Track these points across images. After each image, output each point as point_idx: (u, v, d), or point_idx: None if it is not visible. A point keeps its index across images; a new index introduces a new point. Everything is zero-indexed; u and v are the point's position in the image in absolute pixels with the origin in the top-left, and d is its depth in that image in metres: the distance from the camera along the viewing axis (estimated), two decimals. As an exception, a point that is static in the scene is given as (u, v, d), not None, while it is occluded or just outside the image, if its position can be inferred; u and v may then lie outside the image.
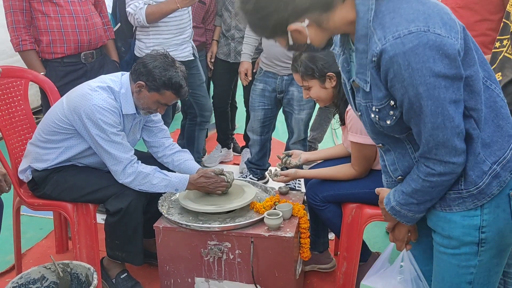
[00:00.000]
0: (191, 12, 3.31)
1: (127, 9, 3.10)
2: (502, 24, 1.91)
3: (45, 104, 2.79)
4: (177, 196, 2.46)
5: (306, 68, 2.22)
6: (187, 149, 2.67)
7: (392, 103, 1.24)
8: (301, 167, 2.63)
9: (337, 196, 2.32)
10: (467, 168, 1.28)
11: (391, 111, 1.25)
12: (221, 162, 4.07)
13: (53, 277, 2.03)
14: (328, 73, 2.20)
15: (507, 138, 1.29)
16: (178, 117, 4.43)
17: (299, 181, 3.38)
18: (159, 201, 2.38)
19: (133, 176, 2.27)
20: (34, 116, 2.68)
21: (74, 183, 2.32)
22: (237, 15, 3.57)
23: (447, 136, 1.20)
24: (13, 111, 2.52)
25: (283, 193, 2.50)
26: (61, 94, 2.58)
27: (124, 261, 2.40)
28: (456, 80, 1.17)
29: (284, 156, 2.54)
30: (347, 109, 2.22)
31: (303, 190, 2.82)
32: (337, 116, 2.39)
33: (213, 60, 3.79)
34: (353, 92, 1.38)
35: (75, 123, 2.27)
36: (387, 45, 1.15)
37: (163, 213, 2.29)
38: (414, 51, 1.13)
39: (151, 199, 2.39)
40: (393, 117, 1.26)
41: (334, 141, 4.60)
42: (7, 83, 2.52)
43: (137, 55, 3.21)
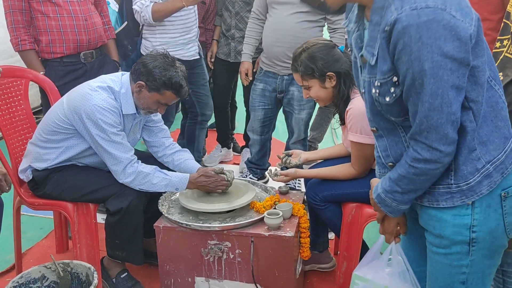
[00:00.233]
0: (197, 11, 3.31)
1: (133, 7, 3.11)
2: (502, 24, 1.92)
3: (45, 104, 2.79)
4: (177, 195, 2.47)
5: (306, 68, 2.22)
6: (187, 149, 2.68)
7: (395, 79, 1.24)
8: (301, 166, 2.64)
9: (337, 195, 2.32)
10: (459, 162, 1.28)
11: (392, 88, 1.25)
12: (221, 162, 4.07)
13: (53, 276, 2.03)
14: (328, 73, 2.20)
15: (503, 140, 1.29)
16: (178, 116, 4.43)
17: (299, 180, 3.38)
18: (159, 200, 2.38)
19: (133, 176, 2.27)
20: (34, 116, 2.68)
21: (74, 183, 2.32)
22: (237, 15, 3.57)
23: (441, 121, 1.20)
24: (14, 110, 2.52)
25: (283, 193, 2.50)
26: (60, 94, 2.58)
27: (124, 260, 2.40)
28: (463, 65, 1.17)
29: (284, 156, 2.54)
30: (347, 108, 2.23)
31: (303, 189, 2.83)
32: (337, 116, 2.40)
33: (213, 60, 3.79)
34: (361, 71, 1.38)
35: (75, 123, 2.27)
36: (402, 14, 1.15)
37: (163, 212, 2.29)
38: (427, 25, 1.13)
39: (151, 198, 2.39)
40: (393, 94, 1.26)
41: (334, 140, 4.60)
42: (8, 82, 2.52)
43: (143, 54, 3.22)
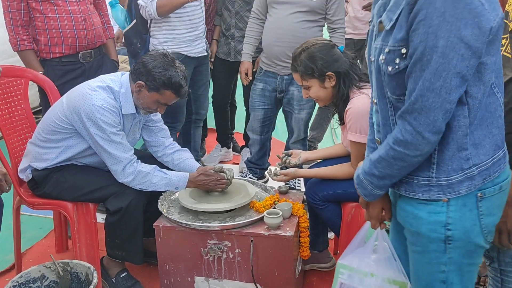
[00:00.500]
0: (203, 8, 3.31)
1: (138, 1, 3.12)
2: (502, 23, 1.91)
3: (45, 104, 2.79)
4: (177, 195, 2.47)
5: (306, 68, 2.23)
6: (187, 148, 2.68)
7: (403, 50, 1.22)
8: (300, 166, 2.64)
9: (337, 195, 2.33)
10: (445, 156, 1.27)
11: (397, 59, 1.24)
12: (220, 162, 4.06)
13: (53, 276, 2.03)
14: (328, 73, 2.20)
15: (495, 147, 1.29)
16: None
17: (298, 180, 3.38)
18: (159, 200, 2.38)
19: (133, 176, 2.27)
20: (34, 116, 2.68)
21: (74, 183, 2.33)
22: (237, 14, 3.57)
23: (435, 104, 1.18)
24: (13, 110, 2.52)
25: (282, 192, 2.50)
26: (59, 93, 2.58)
27: (124, 260, 2.40)
28: (475, 56, 1.16)
29: (283, 156, 2.55)
30: (346, 108, 2.23)
31: (303, 189, 2.83)
32: (336, 115, 2.40)
33: (213, 60, 3.79)
34: (374, 40, 1.37)
35: (75, 122, 2.27)
36: None
37: (163, 212, 2.29)
38: (454, 3, 1.12)
39: (151, 198, 2.39)
40: (396, 66, 1.24)
41: (334, 140, 4.60)
42: (7, 82, 2.52)
43: None
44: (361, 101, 2.17)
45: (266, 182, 3.49)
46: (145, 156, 2.56)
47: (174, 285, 2.31)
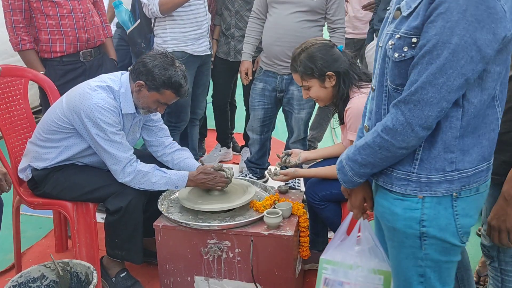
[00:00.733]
0: (207, 6, 3.31)
1: (141, 0, 3.11)
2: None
3: (45, 103, 2.79)
4: (176, 195, 2.47)
5: (306, 68, 2.22)
6: (186, 148, 2.68)
7: (414, 40, 1.21)
8: (300, 166, 2.64)
9: (337, 194, 2.32)
10: (431, 155, 1.27)
11: (405, 47, 1.23)
12: (220, 161, 4.06)
13: (53, 275, 2.03)
14: (328, 73, 2.20)
15: (481, 158, 1.29)
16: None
17: (298, 180, 3.38)
18: (159, 200, 2.38)
19: (132, 175, 2.27)
20: (34, 116, 2.68)
21: (74, 182, 2.33)
22: (237, 14, 3.57)
23: (433, 100, 1.18)
24: (13, 110, 2.52)
25: (282, 192, 2.50)
26: (60, 93, 2.58)
27: (124, 260, 2.40)
28: (482, 61, 1.16)
29: (283, 155, 2.55)
30: (346, 108, 2.23)
31: (303, 189, 2.83)
32: (336, 115, 2.40)
33: (213, 59, 3.79)
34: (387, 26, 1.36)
35: (74, 122, 2.27)
36: None
37: (162, 212, 2.29)
38: (478, 4, 1.11)
39: (150, 197, 2.39)
40: (402, 54, 1.24)
41: (334, 140, 4.60)
42: (7, 82, 2.52)
43: None
44: (361, 100, 2.17)
45: (266, 181, 3.49)
46: (145, 155, 2.56)
47: (174, 284, 2.31)
